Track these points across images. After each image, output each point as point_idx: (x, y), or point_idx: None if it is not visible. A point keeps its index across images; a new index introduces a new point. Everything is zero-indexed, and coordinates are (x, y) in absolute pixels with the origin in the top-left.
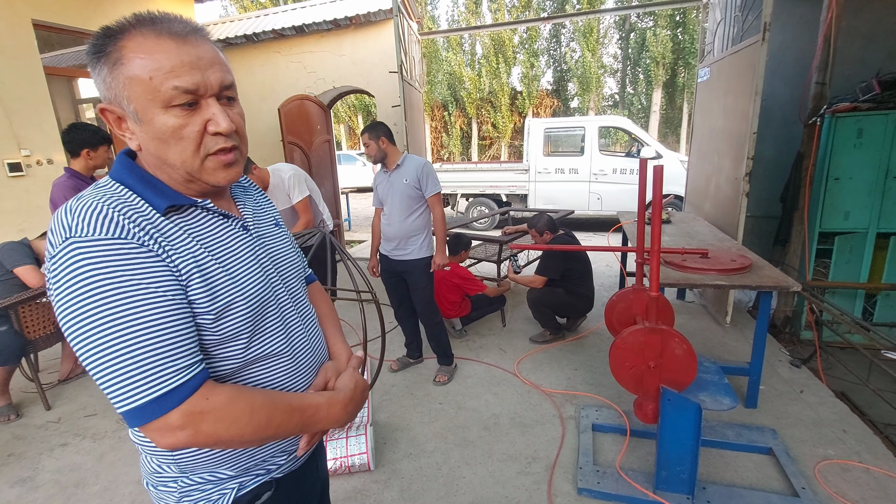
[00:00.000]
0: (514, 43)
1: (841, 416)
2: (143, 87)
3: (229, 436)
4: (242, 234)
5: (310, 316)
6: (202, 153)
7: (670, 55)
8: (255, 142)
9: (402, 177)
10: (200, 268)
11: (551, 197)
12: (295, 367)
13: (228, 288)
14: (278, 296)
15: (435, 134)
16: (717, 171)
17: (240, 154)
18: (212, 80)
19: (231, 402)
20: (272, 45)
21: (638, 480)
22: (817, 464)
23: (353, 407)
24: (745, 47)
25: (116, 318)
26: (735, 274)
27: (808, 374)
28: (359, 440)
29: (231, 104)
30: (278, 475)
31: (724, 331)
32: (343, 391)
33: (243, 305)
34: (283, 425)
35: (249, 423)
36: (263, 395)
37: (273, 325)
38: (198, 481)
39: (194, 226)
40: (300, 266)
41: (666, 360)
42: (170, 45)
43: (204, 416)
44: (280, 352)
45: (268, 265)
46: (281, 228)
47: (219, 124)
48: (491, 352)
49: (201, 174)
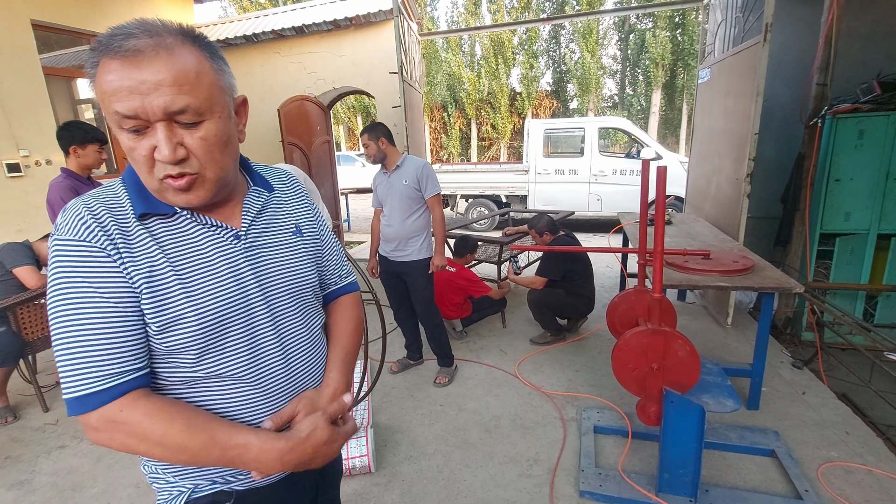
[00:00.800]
0: (513, 44)
1: (843, 417)
2: (104, 106)
3: (141, 450)
4: (228, 244)
5: (298, 339)
6: (155, 176)
7: (670, 56)
8: (255, 143)
9: (401, 178)
10: (151, 277)
11: (551, 198)
12: (260, 395)
13: (178, 300)
14: (253, 314)
15: (434, 135)
16: (718, 172)
17: (200, 178)
18: (154, 106)
19: (144, 419)
20: (272, 46)
21: (640, 483)
22: (820, 466)
23: (296, 459)
24: (747, 48)
25: (66, 316)
26: (737, 275)
27: (810, 375)
28: (359, 442)
29: (194, 127)
30: (239, 488)
31: (726, 332)
32: (287, 439)
33: (193, 319)
34: (199, 456)
35: (159, 445)
36: (186, 419)
37: (237, 346)
38: (158, 472)
39: (171, 233)
40: (304, 281)
41: (669, 361)
42: (116, 67)
43: (117, 426)
44: (241, 375)
45: (248, 279)
46: (301, 237)
47: (160, 152)
48: (491, 353)
49: (161, 194)
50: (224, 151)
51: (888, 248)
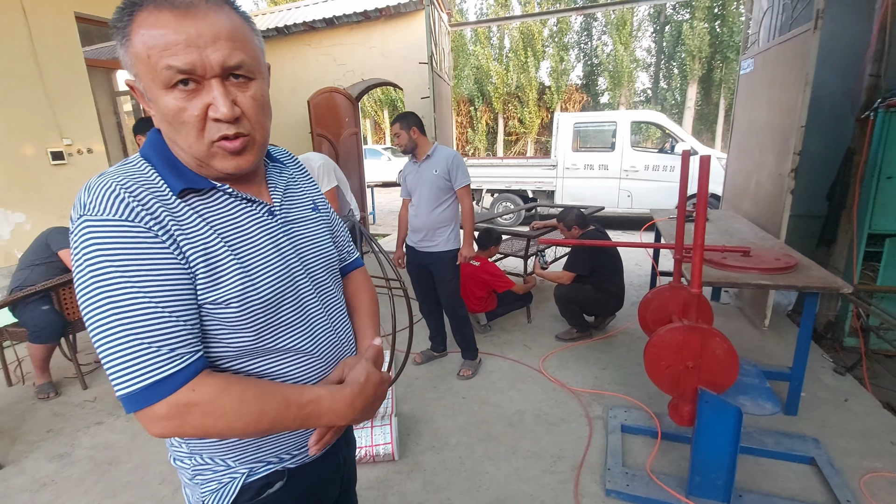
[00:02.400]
0: (543, 36)
1: (889, 427)
2: (144, 65)
3: (218, 428)
4: (266, 220)
5: (338, 309)
6: (206, 139)
7: (707, 49)
8: (285, 134)
9: (431, 168)
10: (208, 256)
11: (579, 193)
12: (314, 363)
13: (237, 278)
14: (299, 287)
15: (460, 129)
16: (759, 168)
17: (251, 141)
18: (212, 60)
19: (219, 395)
20: (303, 38)
21: (670, 484)
22: (863, 476)
23: (363, 402)
24: (795, 36)
25: (114, 303)
26: (779, 273)
27: (853, 382)
28: (384, 430)
29: (244, 85)
30: (291, 465)
31: (762, 334)
32: (351, 385)
33: (253, 296)
34: (279, 419)
35: (239, 417)
36: (257, 387)
37: (291, 318)
38: (209, 462)
39: (213, 210)
40: (332, 255)
41: (705, 360)
42: (167, 20)
43: (190, 409)
44: (297, 346)
45: (290, 254)
46: (319, 213)
47: (217, 109)
48: (515, 348)
49: (209, 160)
50: (267, 114)
51: None
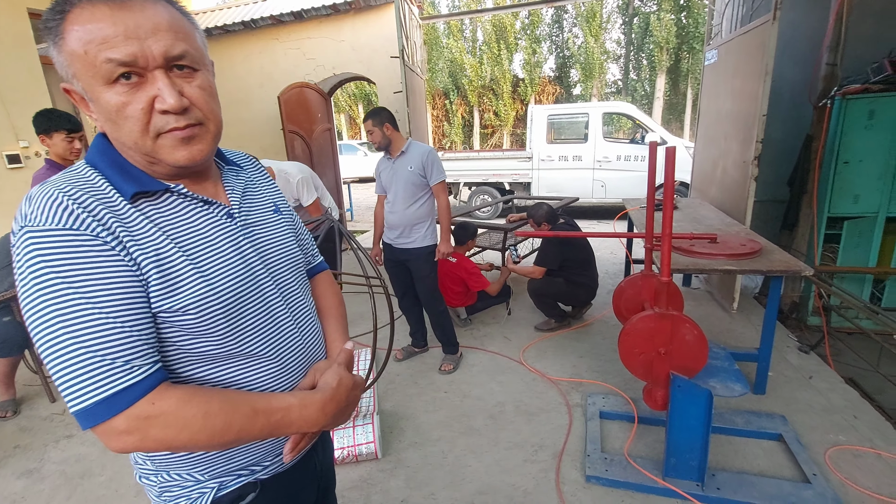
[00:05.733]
0: (515, 29)
1: (851, 402)
2: (82, 62)
3: (181, 441)
4: (224, 222)
5: (305, 312)
6: (152, 132)
7: (674, 40)
8: (255, 131)
9: (406, 164)
10: (161, 262)
11: (555, 185)
12: (281, 369)
13: (196, 283)
14: (264, 291)
15: (436, 122)
16: (724, 155)
17: (204, 130)
18: (154, 50)
19: (182, 407)
20: (270, 32)
21: (647, 467)
22: (828, 450)
23: (335, 407)
24: (755, 27)
25: (61, 316)
26: (745, 259)
27: (817, 360)
28: (366, 429)
29: (190, 75)
30: (264, 476)
31: (731, 317)
32: (322, 390)
33: (212, 302)
34: (246, 429)
35: (203, 429)
36: (222, 397)
37: (255, 323)
38: (176, 478)
39: (166, 214)
40: (297, 257)
41: (676, 346)
42: (103, 13)
43: (151, 422)
44: (261, 352)
45: (252, 257)
46: (281, 215)
47: (164, 101)
48: (496, 340)
49: (158, 154)
50: (218, 105)
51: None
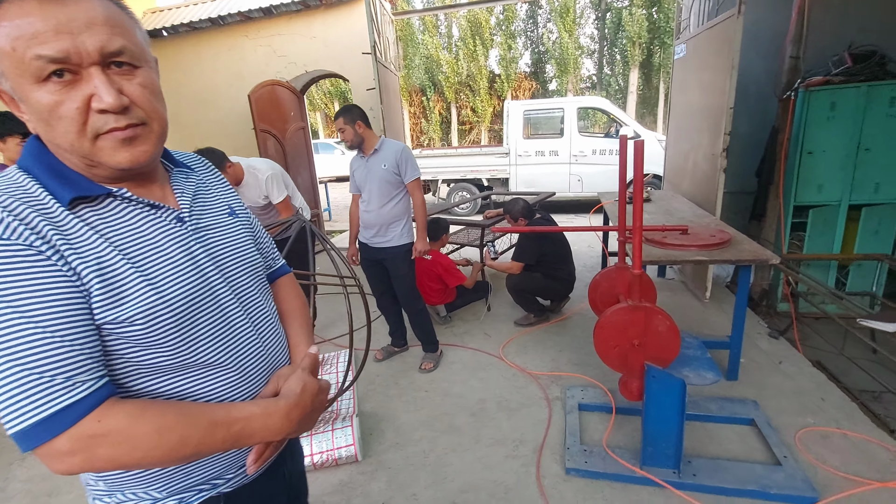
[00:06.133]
0: (490, 25)
1: (819, 384)
2: (10, 60)
3: (133, 460)
4: (174, 227)
5: (266, 318)
6: (90, 133)
7: (646, 35)
8: (226, 131)
9: (380, 162)
10: (103, 271)
11: (532, 180)
12: (241, 377)
13: (144, 292)
14: (219, 298)
15: (414, 119)
16: (695, 148)
17: (148, 130)
18: (88, 46)
19: (132, 423)
20: (239, 29)
21: (625, 457)
22: (798, 432)
23: (299, 414)
24: (721, 21)
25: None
26: (715, 249)
27: (787, 345)
28: (345, 432)
29: (130, 72)
30: (227, 489)
31: (704, 306)
32: (286, 397)
33: (162, 311)
34: (205, 443)
35: (157, 446)
36: (177, 410)
37: (210, 331)
38: (131, 497)
39: (109, 220)
40: (255, 261)
41: (650, 337)
42: (32, 7)
43: (98, 441)
44: (219, 361)
45: (205, 263)
46: (237, 218)
47: (101, 99)
48: (476, 337)
49: (98, 156)
50: (162, 103)
51: (859, 219)
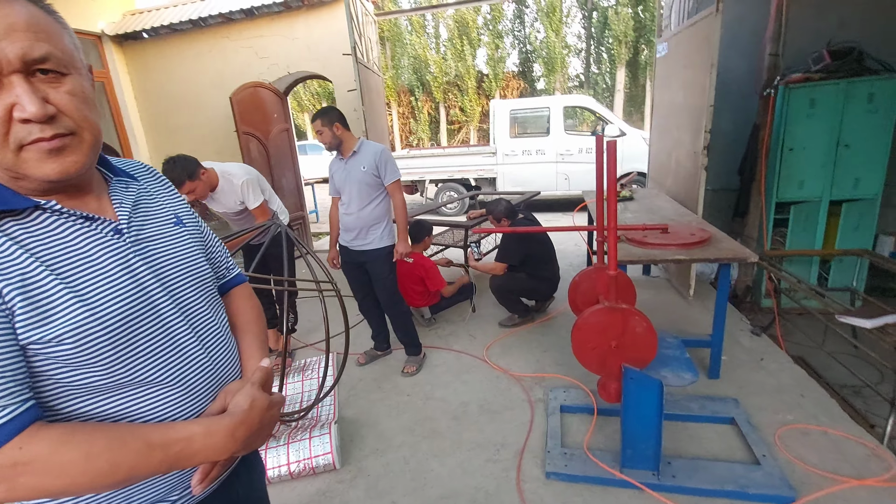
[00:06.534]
0: (477, 24)
1: (799, 381)
2: None
3: (58, 488)
4: (111, 239)
5: (214, 332)
6: (12, 144)
7: (632, 33)
8: (208, 134)
9: (359, 164)
10: (28, 289)
11: (519, 179)
12: (185, 395)
13: (74, 310)
14: (161, 312)
15: (403, 120)
16: (678, 146)
17: (78, 140)
18: (8, 53)
19: (56, 450)
20: (220, 30)
21: (605, 460)
22: (778, 430)
23: (245, 432)
24: (701, 19)
25: None
26: (695, 248)
27: (768, 341)
28: (322, 440)
29: (57, 80)
30: None
31: (688, 304)
32: (231, 415)
33: (94, 329)
34: (139, 467)
35: (85, 472)
36: (109, 434)
37: (151, 348)
38: None
39: (37, 235)
40: (203, 272)
41: (627, 338)
42: None
43: (19, 469)
44: (161, 379)
45: (145, 276)
46: (184, 227)
47: (24, 109)
48: (460, 338)
49: (22, 169)
50: (94, 110)
51: (839, 214)
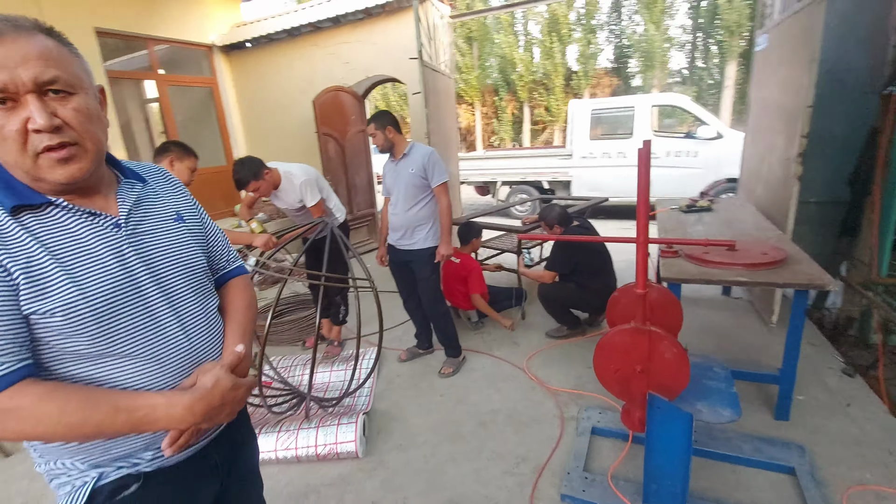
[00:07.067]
0: (569, 20)
1: (892, 434)
2: None
3: (37, 433)
4: (110, 232)
5: (196, 316)
6: (30, 152)
7: (746, 23)
8: (292, 135)
9: (408, 166)
10: (30, 268)
11: (595, 183)
12: (160, 369)
13: (64, 288)
14: (146, 296)
15: (486, 120)
16: (770, 151)
17: (82, 150)
18: (23, 77)
19: (37, 403)
20: (310, 39)
21: (628, 491)
22: (848, 489)
23: (204, 407)
24: (803, 7)
25: None
26: (763, 269)
27: (862, 384)
28: (349, 428)
29: (65, 98)
30: (147, 468)
31: (769, 331)
32: (193, 392)
33: (81, 305)
34: (105, 424)
35: (59, 423)
36: (83, 395)
37: (132, 325)
38: (60, 466)
39: (48, 225)
40: (194, 263)
41: (655, 363)
42: None
43: (6, 415)
44: (138, 352)
45: (135, 264)
46: (184, 223)
47: (35, 121)
48: (504, 345)
49: (39, 173)
50: (98, 125)
51: None
